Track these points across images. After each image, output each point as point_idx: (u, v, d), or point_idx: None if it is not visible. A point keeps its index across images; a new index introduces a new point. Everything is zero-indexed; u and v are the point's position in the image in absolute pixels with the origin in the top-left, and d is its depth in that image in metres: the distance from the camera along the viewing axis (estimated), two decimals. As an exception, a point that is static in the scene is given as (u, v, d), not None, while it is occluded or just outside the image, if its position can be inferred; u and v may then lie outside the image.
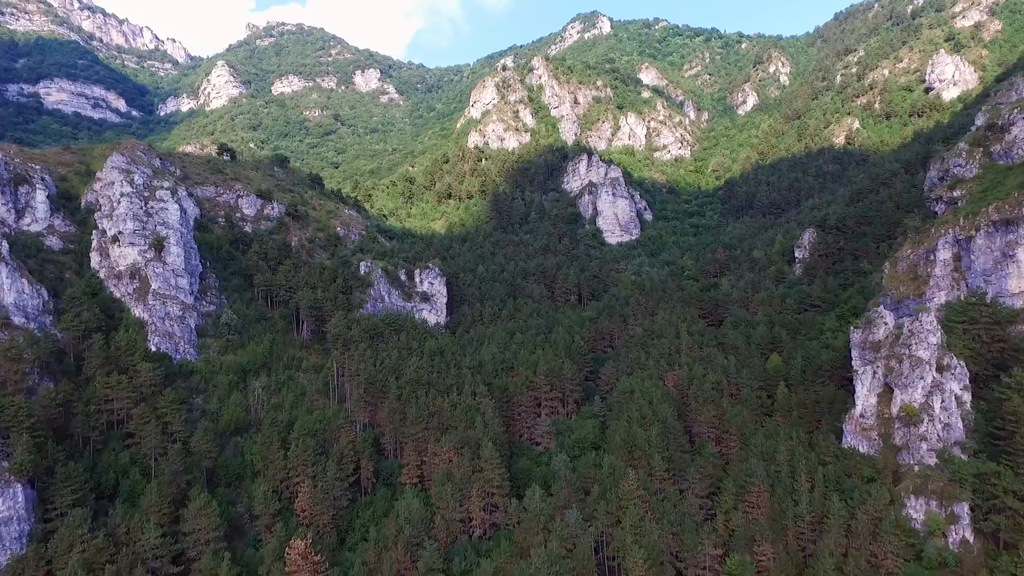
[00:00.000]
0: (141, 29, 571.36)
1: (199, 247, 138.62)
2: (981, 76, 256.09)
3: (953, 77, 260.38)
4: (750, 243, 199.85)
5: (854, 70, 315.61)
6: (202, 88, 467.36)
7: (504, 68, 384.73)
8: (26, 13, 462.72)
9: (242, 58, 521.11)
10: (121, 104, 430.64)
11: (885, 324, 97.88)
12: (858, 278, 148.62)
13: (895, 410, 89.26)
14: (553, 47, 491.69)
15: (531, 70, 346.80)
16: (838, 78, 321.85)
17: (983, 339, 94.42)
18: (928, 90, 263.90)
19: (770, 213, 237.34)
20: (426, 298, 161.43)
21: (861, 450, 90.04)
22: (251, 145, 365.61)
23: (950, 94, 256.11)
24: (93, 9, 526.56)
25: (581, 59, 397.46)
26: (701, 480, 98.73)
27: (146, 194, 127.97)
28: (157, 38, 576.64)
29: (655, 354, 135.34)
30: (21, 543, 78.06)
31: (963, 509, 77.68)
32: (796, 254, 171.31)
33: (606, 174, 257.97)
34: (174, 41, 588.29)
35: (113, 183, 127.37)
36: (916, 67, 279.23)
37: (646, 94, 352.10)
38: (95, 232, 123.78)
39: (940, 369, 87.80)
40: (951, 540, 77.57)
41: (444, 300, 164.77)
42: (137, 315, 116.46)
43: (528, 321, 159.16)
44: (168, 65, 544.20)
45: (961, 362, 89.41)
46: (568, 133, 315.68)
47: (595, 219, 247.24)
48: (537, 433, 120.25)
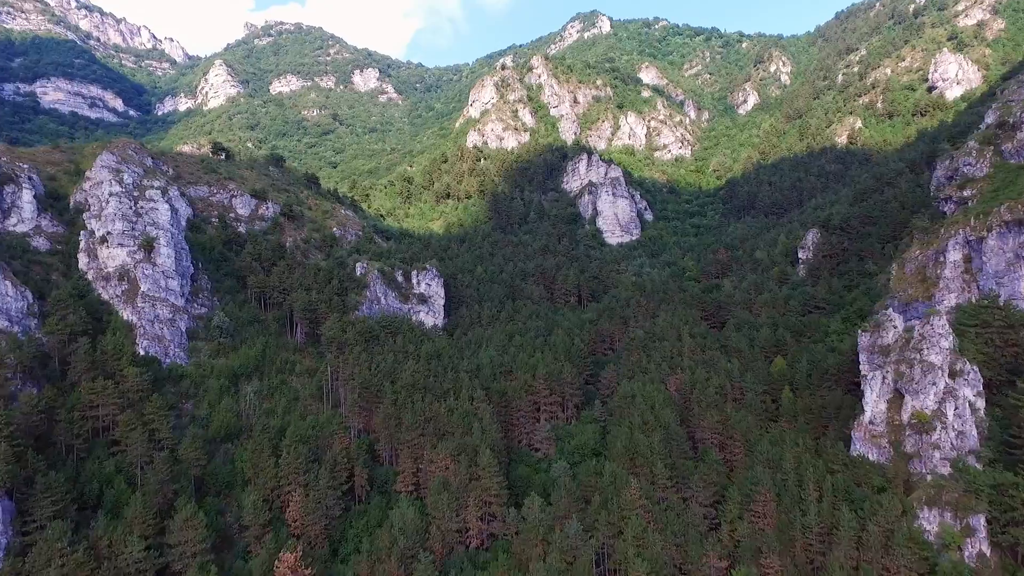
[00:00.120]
0: (139, 28, 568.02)
1: (191, 248, 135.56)
2: (985, 75, 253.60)
3: (956, 76, 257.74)
4: (752, 244, 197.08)
5: (856, 69, 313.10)
6: (200, 88, 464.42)
7: (503, 67, 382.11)
8: (23, 12, 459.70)
9: (240, 57, 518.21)
10: (118, 104, 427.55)
11: (894, 327, 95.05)
12: (863, 279, 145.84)
13: (906, 417, 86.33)
14: (553, 46, 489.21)
15: (530, 69, 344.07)
16: (840, 77, 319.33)
17: (996, 343, 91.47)
18: (931, 89, 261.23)
19: (772, 213, 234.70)
20: (423, 300, 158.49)
21: (871, 458, 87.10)
22: (249, 145, 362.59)
23: (953, 93, 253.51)
24: (90, 8, 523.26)
25: (581, 58, 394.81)
26: (705, 488, 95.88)
27: (136, 194, 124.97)
28: (155, 37, 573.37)
29: (656, 357, 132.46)
30: (-2, 556, 75.03)
31: (979, 521, 74.72)
32: (799, 255, 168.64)
33: (606, 174, 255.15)
34: (172, 40, 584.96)
35: (102, 183, 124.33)
36: (919, 66, 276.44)
37: (646, 93, 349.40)
38: (83, 233, 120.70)
39: (953, 374, 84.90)
40: (967, 554, 74.59)
41: (442, 302, 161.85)
42: (126, 318, 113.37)
43: (527, 323, 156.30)
44: (166, 64, 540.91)
45: (974, 367, 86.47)
46: (568, 133, 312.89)
47: (595, 219, 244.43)
48: (536, 439, 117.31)
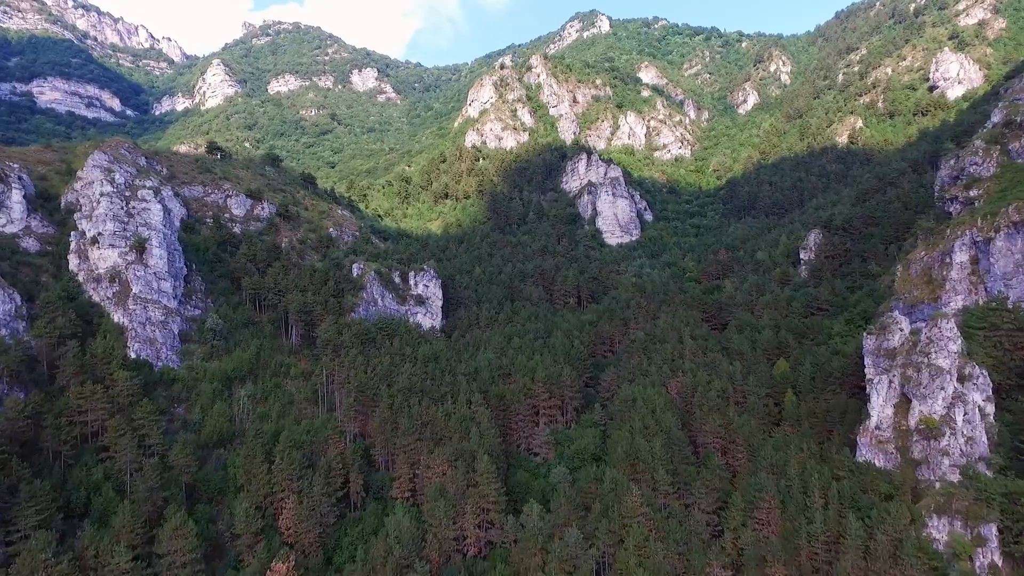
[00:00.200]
0: (136, 28, 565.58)
1: (184, 249, 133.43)
2: (986, 74, 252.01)
3: (958, 75, 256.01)
4: (753, 244, 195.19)
5: (856, 69, 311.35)
6: (197, 87, 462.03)
7: (502, 67, 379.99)
8: (19, 11, 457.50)
9: (238, 57, 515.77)
10: (115, 103, 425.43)
11: (900, 330, 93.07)
12: (867, 281, 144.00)
13: (913, 422, 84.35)
14: (552, 46, 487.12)
15: (529, 69, 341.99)
16: (840, 77, 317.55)
17: (1005, 346, 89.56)
18: (932, 89, 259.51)
19: (773, 213, 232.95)
20: (421, 301, 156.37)
21: (877, 464, 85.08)
22: (246, 145, 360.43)
23: (955, 92, 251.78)
24: (87, 7, 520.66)
25: (580, 58, 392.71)
26: (707, 494, 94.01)
27: (127, 194, 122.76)
28: (152, 37, 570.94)
29: (657, 360, 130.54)
30: (-19, 567, 72.93)
31: (991, 531, 72.72)
32: (801, 255, 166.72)
33: (606, 174, 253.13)
34: (170, 40, 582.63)
35: (93, 182, 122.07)
36: (920, 65, 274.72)
37: (646, 93, 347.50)
38: (73, 233, 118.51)
39: (961, 379, 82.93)
40: (978, 564, 72.60)
41: (439, 303, 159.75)
42: (117, 320, 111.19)
43: (526, 325, 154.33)
44: (164, 64, 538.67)
45: (983, 371, 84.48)
46: (567, 132, 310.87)
47: (594, 219, 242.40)
48: (535, 443, 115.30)
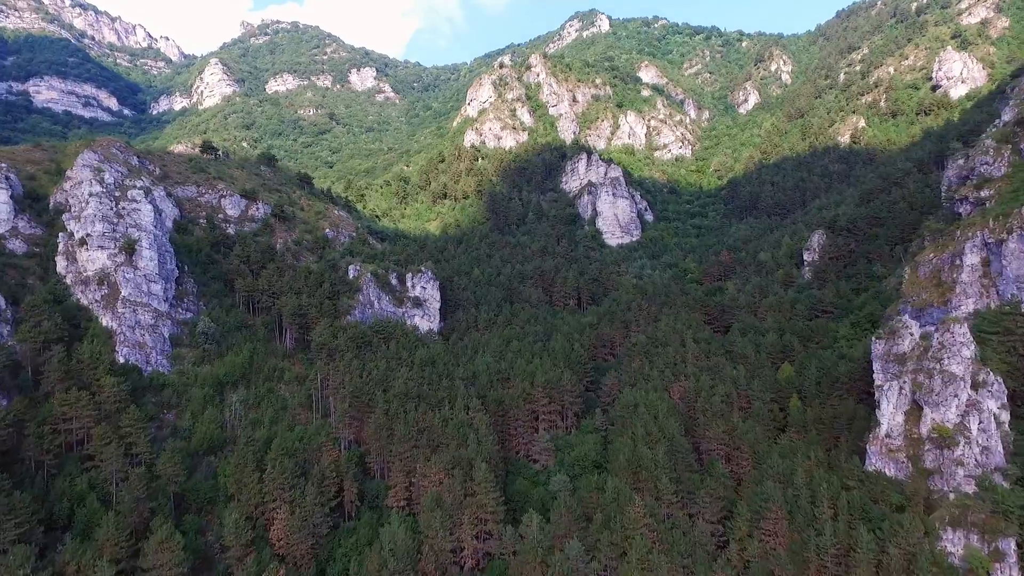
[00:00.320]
0: (134, 27, 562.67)
1: (177, 250, 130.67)
2: (990, 73, 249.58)
3: (961, 75, 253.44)
4: (755, 245, 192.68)
5: (858, 68, 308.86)
6: (195, 87, 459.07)
7: (501, 66, 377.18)
8: (16, 10, 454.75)
9: (236, 56, 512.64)
10: (113, 103, 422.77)
11: (911, 335, 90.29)
12: (872, 282, 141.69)
13: (925, 430, 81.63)
14: (551, 45, 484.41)
15: (529, 68, 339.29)
16: (842, 76, 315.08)
17: (1020, 352, 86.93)
18: (935, 88, 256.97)
19: (775, 214, 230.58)
20: (418, 303, 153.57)
21: (888, 473, 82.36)
22: (244, 144, 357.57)
23: (958, 92, 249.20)
24: (85, 6, 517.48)
25: (580, 57, 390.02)
26: (712, 503, 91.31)
27: (117, 194, 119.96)
28: (150, 36, 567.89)
29: (659, 363, 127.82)
30: (-42, 583, 70.23)
31: (1009, 545, 69.99)
32: (805, 257, 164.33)
33: (606, 173, 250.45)
34: (167, 39, 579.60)
35: (82, 182, 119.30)
36: (922, 65, 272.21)
37: (646, 92, 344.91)
38: (61, 235, 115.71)
39: (975, 386, 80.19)
40: (995, 579, 70.13)
41: (437, 305, 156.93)
42: (105, 324, 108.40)
43: (525, 328, 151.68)
44: (161, 63, 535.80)
45: (998, 378, 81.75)
46: (567, 132, 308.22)
47: (595, 220, 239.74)
48: (535, 449, 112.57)
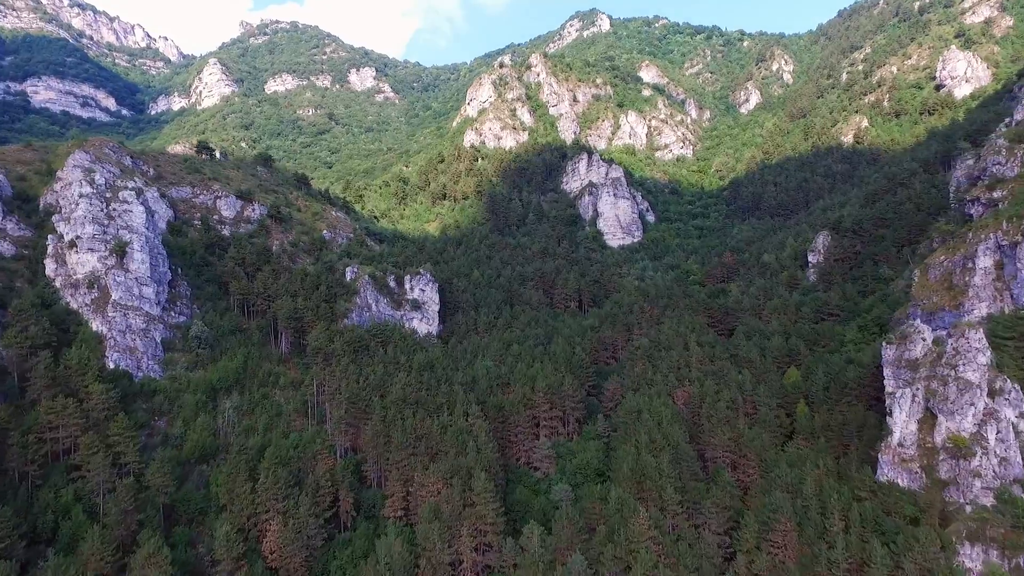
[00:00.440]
0: (133, 27, 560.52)
1: (170, 252, 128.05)
2: (995, 72, 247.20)
3: (965, 74, 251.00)
4: (759, 246, 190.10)
5: (861, 67, 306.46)
6: (194, 87, 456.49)
7: (501, 65, 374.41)
8: (14, 10, 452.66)
9: (235, 56, 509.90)
10: (111, 103, 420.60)
11: (923, 340, 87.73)
12: (879, 285, 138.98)
13: (939, 439, 78.99)
14: (552, 45, 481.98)
15: (529, 68, 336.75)
16: (844, 76, 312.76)
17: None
18: (939, 87, 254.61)
19: (778, 215, 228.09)
20: (417, 306, 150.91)
21: (901, 484, 79.72)
22: (242, 144, 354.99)
23: (962, 91, 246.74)
24: (83, 6, 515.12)
25: (580, 57, 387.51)
26: (718, 513, 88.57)
27: (108, 195, 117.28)
28: (149, 36, 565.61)
29: (663, 368, 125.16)
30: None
31: (1031, 562, 67.58)
32: (810, 258, 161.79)
33: (607, 174, 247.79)
34: (166, 39, 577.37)
35: (72, 183, 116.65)
36: (926, 64, 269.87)
37: (647, 92, 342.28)
38: (51, 237, 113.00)
39: (992, 394, 77.58)
40: (1016, 597, 67.43)
41: (436, 308, 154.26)
42: (95, 328, 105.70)
43: (526, 331, 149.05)
44: (160, 63, 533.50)
45: (1016, 385, 79.12)
46: (567, 132, 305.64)
47: (596, 221, 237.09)
48: (536, 457, 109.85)
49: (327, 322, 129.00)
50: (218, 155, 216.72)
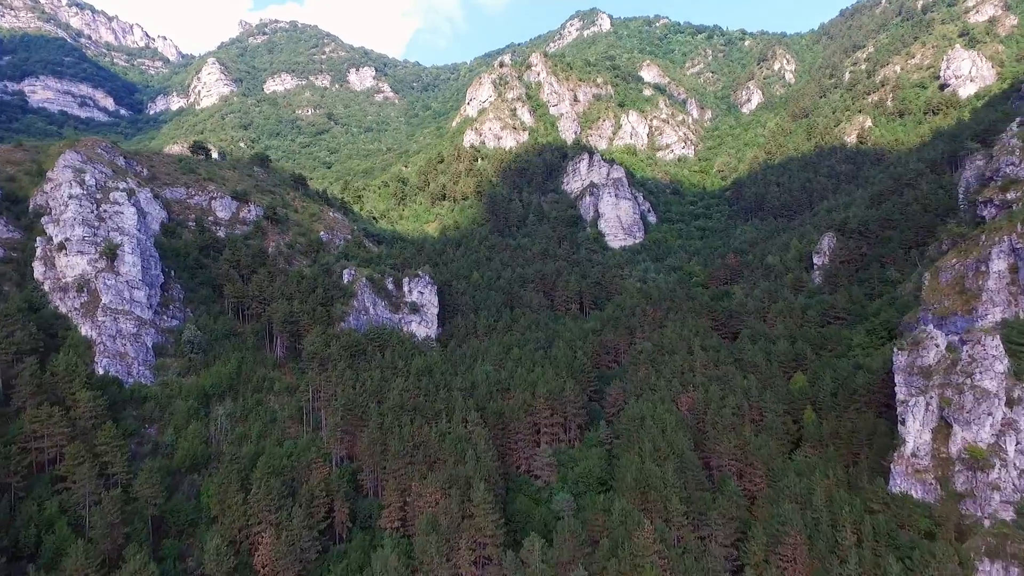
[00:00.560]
0: (131, 26, 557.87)
1: (163, 254, 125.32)
2: (999, 72, 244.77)
3: (970, 73, 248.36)
4: (762, 248, 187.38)
5: (864, 67, 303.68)
6: (192, 86, 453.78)
7: (502, 65, 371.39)
8: (12, 9, 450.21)
9: (234, 56, 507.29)
10: (109, 102, 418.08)
11: (936, 346, 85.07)
12: (886, 288, 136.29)
13: (954, 449, 76.33)
14: (552, 44, 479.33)
15: (529, 67, 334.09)
16: (847, 75, 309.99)
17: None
18: (943, 87, 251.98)
19: (782, 215, 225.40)
20: (415, 309, 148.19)
21: (915, 496, 77.06)
22: (241, 144, 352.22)
23: (967, 91, 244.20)
24: (81, 6, 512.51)
25: (581, 56, 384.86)
26: (725, 525, 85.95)
27: (99, 196, 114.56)
28: (148, 36, 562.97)
29: (666, 373, 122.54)
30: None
31: (1054, 580, 64.87)
32: (815, 260, 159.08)
33: (608, 174, 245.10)
34: (165, 39, 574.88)
35: (62, 184, 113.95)
36: (929, 63, 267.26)
37: (648, 92, 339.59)
38: (40, 239, 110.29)
39: (1011, 403, 74.87)
40: (1038, 616, 64.73)
41: (435, 311, 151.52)
42: (84, 333, 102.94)
43: (526, 334, 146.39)
44: (159, 63, 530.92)
45: (1034, 394, 76.46)
46: (568, 132, 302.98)
47: (597, 221, 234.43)
48: (536, 465, 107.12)
49: (323, 326, 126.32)
50: (216, 155, 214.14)
